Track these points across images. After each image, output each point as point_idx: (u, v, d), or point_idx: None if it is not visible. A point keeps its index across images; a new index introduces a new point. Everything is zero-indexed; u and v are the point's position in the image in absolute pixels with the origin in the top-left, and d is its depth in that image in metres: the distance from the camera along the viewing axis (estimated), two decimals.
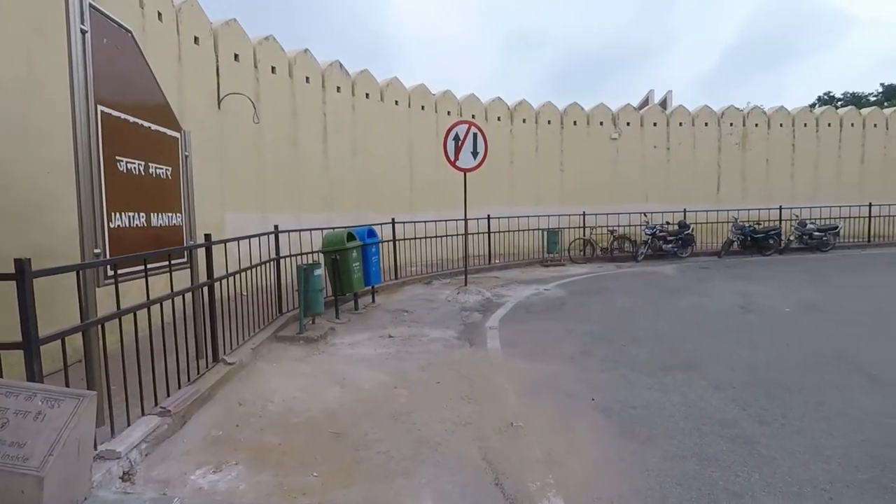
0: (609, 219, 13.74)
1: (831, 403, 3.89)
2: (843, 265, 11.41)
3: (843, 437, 3.35)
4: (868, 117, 16.15)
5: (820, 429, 3.47)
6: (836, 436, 3.37)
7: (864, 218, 14.96)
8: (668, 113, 15.28)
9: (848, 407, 3.81)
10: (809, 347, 5.35)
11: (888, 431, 3.42)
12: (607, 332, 6.16)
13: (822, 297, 7.98)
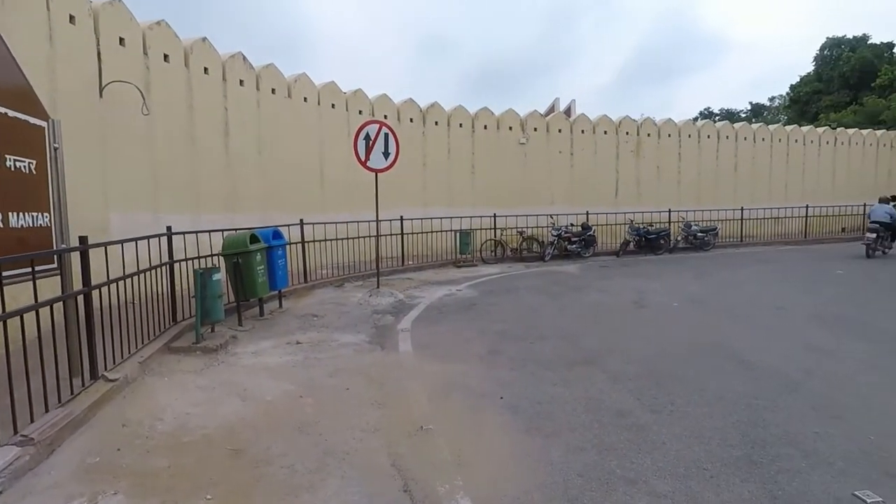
0: (518, 220, 14.23)
1: (711, 389, 4.27)
2: (721, 263, 12.69)
3: (721, 419, 3.68)
4: (740, 131, 18.14)
5: (702, 413, 3.79)
6: (716, 418, 3.70)
7: (737, 220, 16.78)
8: (572, 121, 16.14)
9: (725, 391, 4.21)
10: (693, 338, 5.87)
11: (756, 411, 3.81)
12: (516, 330, 6.34)
13: (704, 292, 8.81)
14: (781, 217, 17.61)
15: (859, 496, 2.73)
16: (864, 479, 2.89)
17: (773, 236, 17.38)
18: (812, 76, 34.06)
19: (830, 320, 6.68)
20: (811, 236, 17.75)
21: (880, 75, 27.49)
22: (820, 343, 5.60)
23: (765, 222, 17.33)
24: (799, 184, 18.87)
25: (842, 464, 3.06)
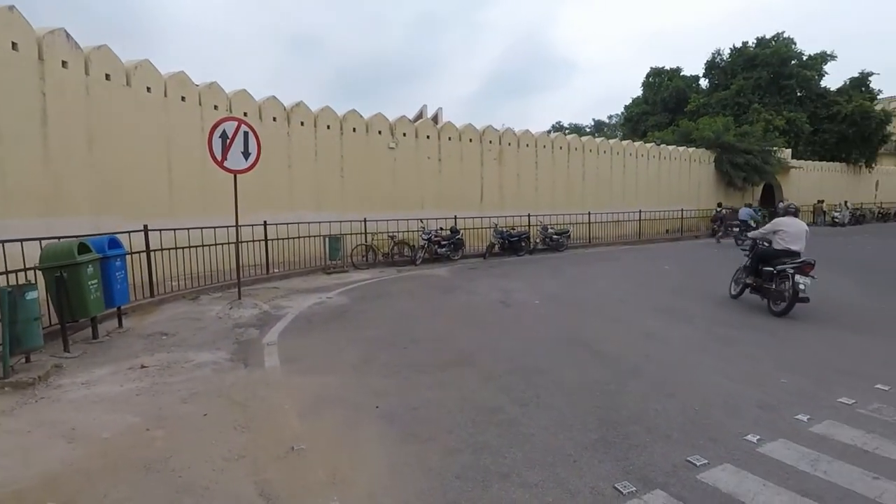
0: (389, 225, 14.21)
1: (572, 378, 4.63)
2: (574, 262, 13.96)
3: (581, 406, 4.00)
4: (586, 144, 20.19)
5: (564, 402, 4.09)
6: (576, 406, 4.01)
7: (586, 224, 18.63)
8: (439, 128, 16.58)
9: (582, 380, 4.59)
10: (554, 333, 6.34)
11: (609, 396, 4.21)
12: (389, 335, 6.28)
13: (560, 289, 9.60)
14: (621, 220, 19.99)
15: (690, 461, 3.14)
16: (695, 446, 3.33)
17: (614, 237, 19.59)
18: (641, 99, 39.24)
19: (662, 310, 7.68)
20: (644, 237, 20.36)
21: (690, 102, 32.64)
22: (655, 330, 6.40)
23: (608, 225, 19.49)
24: (633, 191, 21.53)
25: (677, 435, 3.50)
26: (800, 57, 31.03)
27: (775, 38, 31.60)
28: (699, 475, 2.99)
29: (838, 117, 30.52)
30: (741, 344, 5.81)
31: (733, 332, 6.37)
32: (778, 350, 5.56)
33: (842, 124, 30.51)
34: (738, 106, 30.18)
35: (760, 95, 30.23)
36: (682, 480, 2.93)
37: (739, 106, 30.13)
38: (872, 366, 4.94)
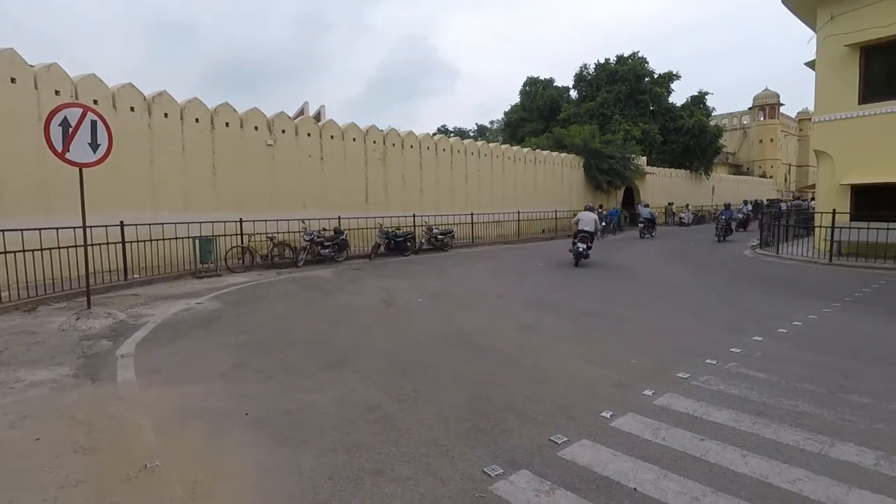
0: (268, 225, 13.52)
1: (449, 372, 4.76)
2: (457, 261, 14.39)
3: (457, 398, 4.13)
4: (468, 147, 20.91)
5: (441, 395, 4.20)
6: (452, 397, 4.14)
7: (469, 224, 19.30)
8: (321, 125, 16.12)
9: (459, 372, 4.75)
10: (434, 329, 6.47)
11: (483, 386, 4.40)
12: (265, 340, 5.98)
13: (444, 287, 9.84)
14: (501, 221, 21.03)
15: (553, 440, 3.39)
16: (557, 426, 3.60)
17: (496, 237, 20.54)
18: (519, 106, 41.62)
19: (536, 303, 8.20)
20: (522, 237, 21.60)
21: (562, 111, 35.39)
22: (529, 322, 6.82)
23: (489, 225, 20.38)
24: (513, 193, 22.74)
25: (543, 417, 3.76)
26: (652, 75, 35.00)
27: (631, 56, 35.31)
28: (560, 452, 3.23)
29: (682, 130, 34.96)
30: (602, 331, 6.41)
31: (596, 320, 7.00)
32: (631, 335, 6.21)
33: (685, 136, 35.01)
34: (602, 116, 33.25)
35: (621, 107, 33.59)
36: (545, 459, 3.16)
37: (603, 116, 33.22)
38: (703, 344, 5.72)
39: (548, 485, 2.86)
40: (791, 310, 7.37)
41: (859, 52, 13.30)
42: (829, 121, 14.13)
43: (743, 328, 6.34)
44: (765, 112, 53.75)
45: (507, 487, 2.84)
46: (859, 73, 13.40)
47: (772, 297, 8.51)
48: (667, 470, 3.00)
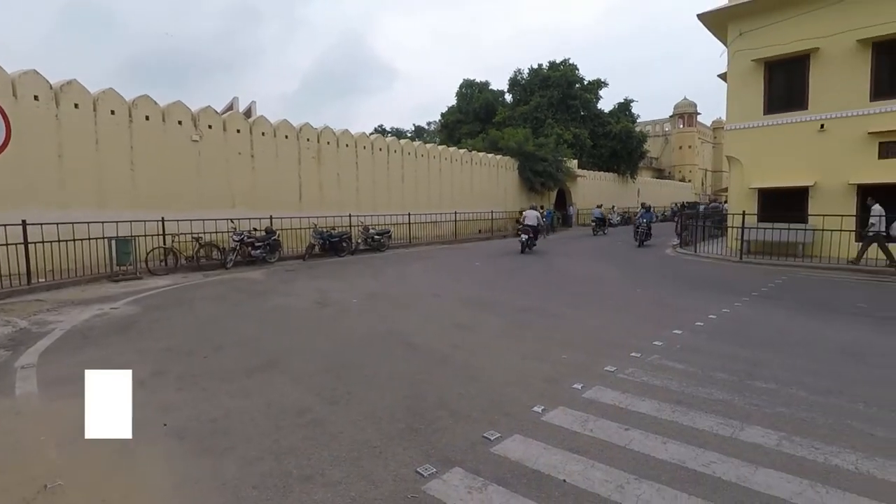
0: (194, 225, 12.81)
1: (384, 372, 4.70)
2: (394, 261, 14.29)
3: (392, 398, 4.08)
4: (405, 147, 20.84)
5: (375, 396, 4.13)
6: (387, 398, 4.08)
7: (406, 224, 19.23)
8: (251, 122, 15.49)
9: (394, 373, 4.69)
10: (370, 329, 6.37)
11: (418, 386, 4.37)
12: (188, 345, 5.64)
13: (380, 288, 9.73)
14: (439, 221, 21.12)
15: (486, 437, 3.42)
16: (491, 423, 3.63)
17: (433, 237, 20.60)
18: (455, 108, 42.05)
19: (472, 302, 8.28)
20: (459, 237, 21.81)
21: (497, 114, 36.11)
22: (465, 321, 6.87)
23: (427, 225, 20.41)
24: (449, 194, 22.90)
25: (477, 415, 3.78)
26: (582, 81, 36.47)
27: (563, 63, 36.62)
28: (492, 448, 3.26)
29: (610, 135, 36.67)
30: (535, 328, 6.56)
31: (530, 317, 7.16)
32: (562, 331, 6.40)
33: (613, 141, 36.74)
34: (535, 120, 34.24)
35: (553, 112, 34.74)
36: (478, 455, 3.17)
37: (537, 120, 34.22)
38: (629, 338, 5.99)
39: (480, 481, 2.87)
40: (707, 304, 7.89)
41: (764, 67, 14.50)
42: (738, 129, 15.31)
43: (665, 322, 6.71)
44: (684, 120, 57.47)
45: (439, 486, 2.82)
46: (764, 86, 14.62)
47: (690, 293, 9.08)
48: (594, 460, 3.11)
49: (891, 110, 12.67)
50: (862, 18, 12.72)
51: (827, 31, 13.23)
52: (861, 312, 7.53)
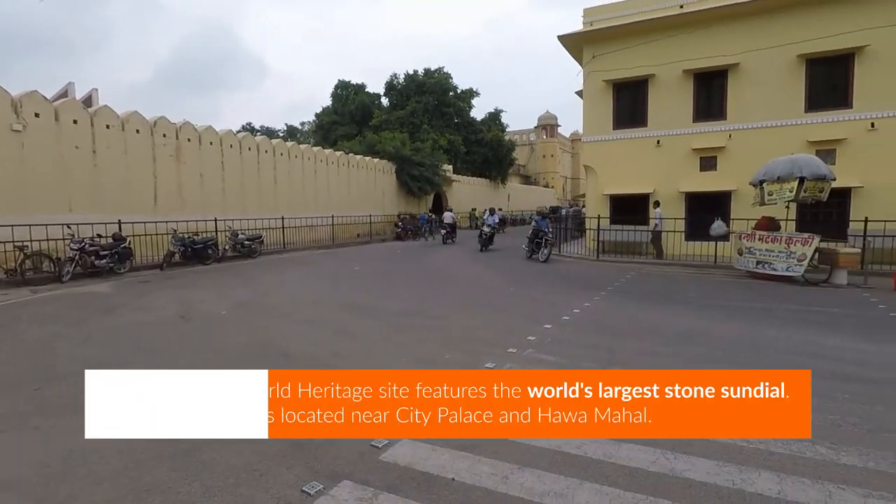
0: (18, 231, 10.85)
1: None
2: (268, 268, 13.49)
3: None
4: (277, 147, 19.81)
5: None
6: None
7: (280, 228, 18.25)
8: (93, 112, 13.57)
9: None
10: (242, 342, 5.94)
11: None
12: (11, 376, 4.76)
13: (253, 297, 9.12)
14: (315, 225, 20.38)
15: (374, 445, 3.36)
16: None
17: (309, 242, 19.82)
18: (331, 109, 41.05)
19: (353, 308, 8.12)
20: (337, 241, 21.28)
21: (374, 117, 36.02)
22: (345, 327, 6.71)
23: (303, 230, 19.57)
24: (326, 197, 22.25)
25: None
26: (455, 90, 37.82)
27: (437, 71, 37.65)
28: (381, 456, 3.22)
29: (482, 142, 38.52)
30: (416, 330, 6.62)
31: (412, 320, 7.21)
32: (442, 332, 6.55)
33: (484, 148, 38.64)
34: (412, 125, 34.74)
35: (429, 118, 35.54)
36: (366, 465, 3.11)
37: (413, 125, 34.74)
38: (505, 335, 6.31)
39: (371, 491, 2.82)
40: (571, 299, 8.62)
41: (613, 87, 16.29)
42: (593, 142, 17.01)
43: (537, 318, 7.19)
44: (546, 131, 62.45)
45: (328, 503, 2.71)
46: (613, 104, 16.43)
47: (557, 290, 9.85)
48: (480, 456, 3.21)
49: (708, 131, 15.03)
50: (686, 52, 14.90)
51: (661, 60, 15.26)
52: (691, 301, 8.78)
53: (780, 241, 10.86)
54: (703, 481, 2.92)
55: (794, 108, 14.03)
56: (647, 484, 2.91)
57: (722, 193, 14.64)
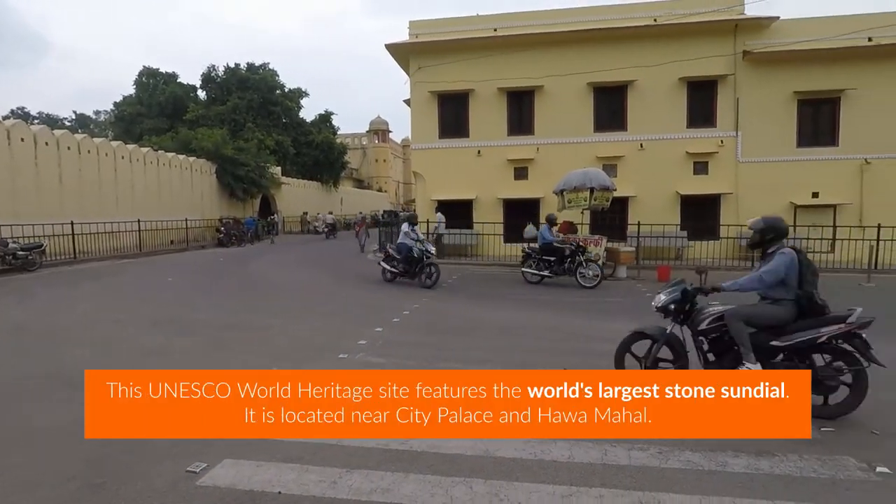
0: None
1: (43, 424, 3.75)
2: (53, 283, 11.35)
3: (57, 454, 3.30)
4: (62, 139, 16.73)
5: (31, 456, 3.27)
6: (51, 456, 3.28)
7: (69, 235, 15.41)
8: None
9: (59, 421, 3.79)
10: (16, 374, 4.96)
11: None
12: None
13: (31, 318, 7.63)
14: (116, 231, 17.62)
15: (191, 470, 3.13)
16: (195, 455, 3.33)
17: (110, 251, 17.07)
18: (134, 98, 35.97)
19: (165, 323, 7.31)
20: (146, 249, 18.74)
21: (189, 111, 32.52)
22: (154, 347, 6.02)
23: (101, 237, 16.77)
24: (130, 199, 19.46)
25: (177, 449, 3.40)
26: (283, 88, 36.16)
27: (262, 67, 35.59)
28: (199, 481, 3.01)
29: (313, 144, 37.49)
30: (239, 343, 6.26)
31: (233, 334, 6.77)
32: (269, 344, 6.29)
33: (315, 150, 37.66)
34: (234, 122, 32.29)
35: (253, 116, 33.39)
36: (181, 494, 2.89)
37: (236, 122, 32.32)
38: (337, 340, 6.30)
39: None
40: (402, 301, 8.94)
41: (437, 98, 17.27)
42: (421, 149, 17.83)
43: (368, 322, 7.31)
44: (378, 136, 63.20)
45: None
46: (438, 115, 17.41)
47: (388, 292, 10.12)
48: (308, 464, 3.21)
49: (520, 144, 16.84)
50: (500, 71, 16.48)
51: (480, 77, 16.63)
52: (507, 297, 9.79)
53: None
54: (511, 457, 3.33)
55: (586, 127, 16.51)
56: (465, 467, 3.21)
57: (533, 200, 16.51)
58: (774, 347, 3.95)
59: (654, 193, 15.89)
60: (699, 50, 15.28)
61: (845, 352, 3.85)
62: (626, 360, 4.44)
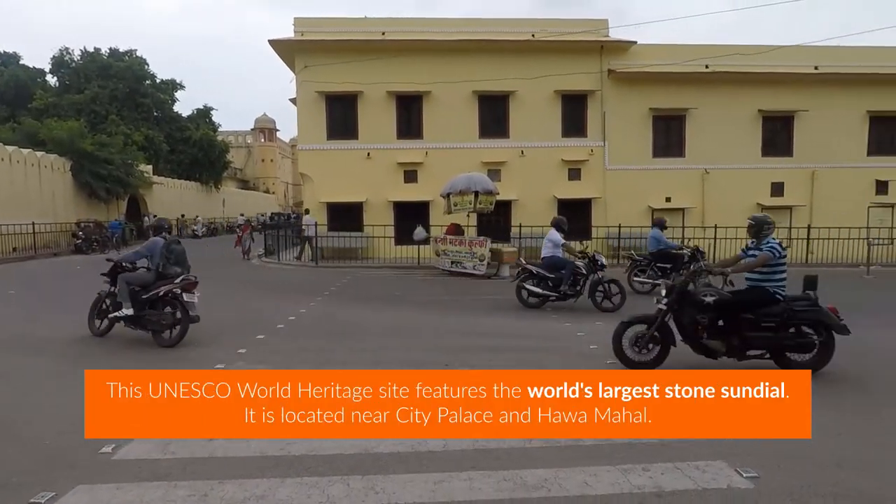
0: None
1: None
2: None
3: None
4: None
5: None
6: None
7: None
8: None
9: None
10: None
11: None
12: None
13: None
14: None
15: (35, 501, 2.85)
16: (43, 484, 3.02)
17: None
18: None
19: (7, 343, 6.43)
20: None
21: (36, 99, 28.49)
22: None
23: None
24: None
25: (18, 479, 3.08)
26: (153, 79, 33.07)
27: (129, 53, 32.27)
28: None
29: (190, 141, 34.75)
30: (124, 358, 5.72)
31: (97, 348, 6.16)
32: (157, 359, 5.83)
33: (193, 148, 34.93)
34: (94, 114, 28.92)
35: (118, 108, 30.15)
36: None
37: (96, 114, 28.96)
38: (214, 349, 6.01)
39: None
40: (288, 306, 8.70)
41: (325, 99, 16.95)
42: (309, 150, 17.38)
43: (250, 329, 7.04)
44: (265, 135, 60.20)
45: None
46: (326, 115, 17.09)
47: (273, 298, 9.80)
48: (176, 480, 3.06)
49: (409, 147, 17.11)
50: (389, 75, 16.59)
51: (368, 79, 16.57)
52: (398, 299, 9.95)
53: (465, 244, 13.21)
54: (388, 452, 3.46)
55: (471, 133, 17.22)
56: (345, 466, 3.28)
57: (422, 203, 16.83)
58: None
59: (534, 197, 17.00)
60: (571, 66, 16.66)
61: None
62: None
